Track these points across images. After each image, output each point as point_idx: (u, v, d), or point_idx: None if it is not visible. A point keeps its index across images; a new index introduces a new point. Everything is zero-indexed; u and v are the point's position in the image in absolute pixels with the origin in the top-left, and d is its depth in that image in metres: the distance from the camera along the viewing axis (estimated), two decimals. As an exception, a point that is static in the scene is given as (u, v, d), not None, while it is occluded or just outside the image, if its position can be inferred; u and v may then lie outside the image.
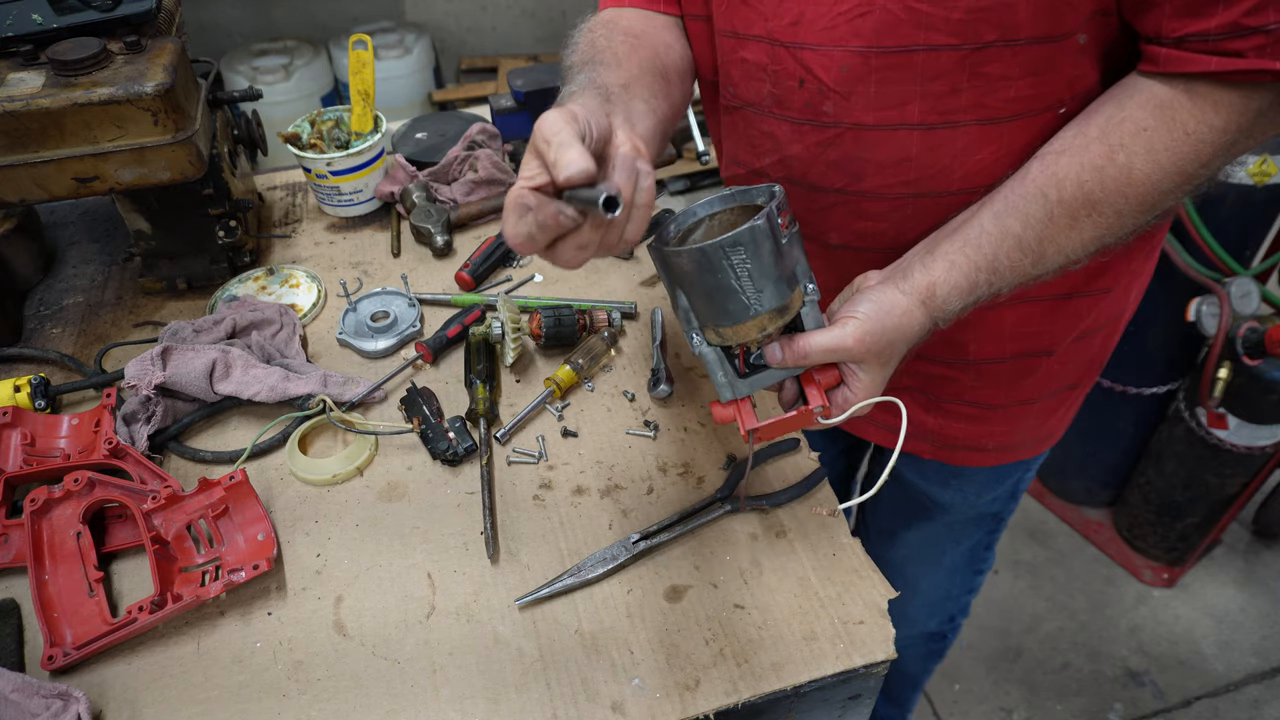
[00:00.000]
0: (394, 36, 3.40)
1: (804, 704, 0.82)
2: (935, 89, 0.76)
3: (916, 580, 1.35)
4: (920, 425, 1.10)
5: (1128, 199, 0.70)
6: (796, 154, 0.88)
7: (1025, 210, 0.72)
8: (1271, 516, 2.30)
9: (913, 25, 0.72)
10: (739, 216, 0.73)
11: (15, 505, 0.92)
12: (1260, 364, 1.83)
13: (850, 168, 0.85)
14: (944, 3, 0.70)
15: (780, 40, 0.81)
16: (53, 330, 1.19)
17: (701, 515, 0.92)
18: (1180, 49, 0.66)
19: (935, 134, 0.79)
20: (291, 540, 0.92)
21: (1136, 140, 0.69)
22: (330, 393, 1.03)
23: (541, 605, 0.86)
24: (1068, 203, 0.71)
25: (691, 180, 3.62)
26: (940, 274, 0.74)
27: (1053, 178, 0.72)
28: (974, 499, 1.18)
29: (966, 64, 0.74)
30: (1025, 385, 1.01)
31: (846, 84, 0.79)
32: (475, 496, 0.96)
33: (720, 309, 0.69)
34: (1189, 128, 0.67)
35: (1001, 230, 0.73)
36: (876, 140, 0.81)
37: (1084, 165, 0.70)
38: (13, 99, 0.95)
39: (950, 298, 0.74)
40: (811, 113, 0.83)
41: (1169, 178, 0.69)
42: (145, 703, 0.79)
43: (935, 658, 1.61)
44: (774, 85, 0.84)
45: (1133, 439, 2.25)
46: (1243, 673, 2.12)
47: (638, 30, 0.91)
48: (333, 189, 1.32)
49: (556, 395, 1.06)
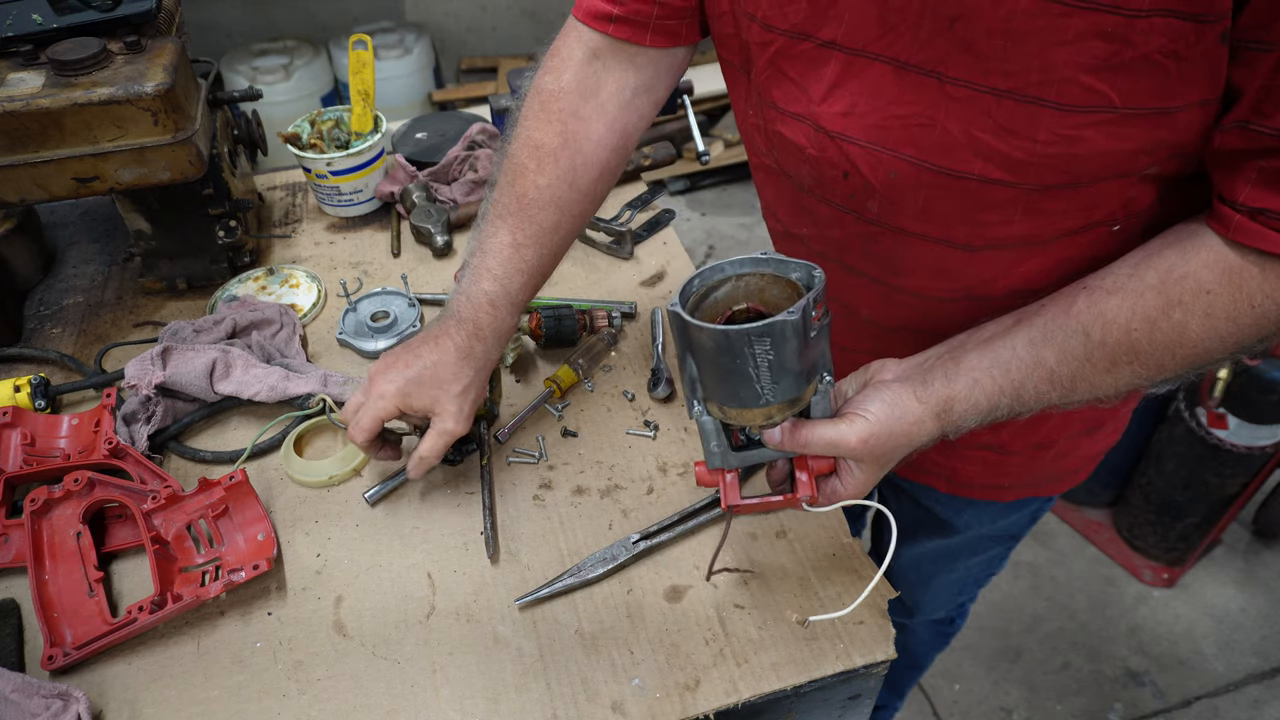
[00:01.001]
0: (394, 36, 3.40)
1: (804, 704, 0.82)
2: (985, 218, 0.72)
3: (929, 579, 1.35)
4: (934, 464, 1.07)
5: (1175, 356, 0.66)
6: (836, 236, 0.84)
7: (1063, 344, 0.69)
8: (1271, 516, 2.30)
9: (970, 152, 0.68)
10: (769, 286, 0.68)
11: (15, 505, 0.92)
12: (1260, 364, 1.83)
13: (890, 264, 0.82)
14: (1007, 139, 0.66)
15: (825, 128, 0.75)
16: (53, 330, 1.19)
17: (701, 515, 0.92)
18: (1256, 221, 0.62)
19: (978, 254, 0.76)
20: (291, 540, 0.92)
21: (1197, 301, 0.64)
22: (330, 392, 1.03)
23: (541, 605, 0.86)
24: (1111, 347, 0.67)
25: (691, 180, 3.63)
26: (962, 390, 0.70)
27: (1099, 318, 0.67)
28: (989, 524, 1.16)
29: (1022, 201, 0.70)
30: (1041, 430, 0.98)
31: (893, 190, 0.74)
32: (475, 496, 0.96)
33: (731, 392, 0.66)
34: (1255, 300, 0.63)
35: (1035, 359, 0.69)
36: (918, 248, 0.78)
37: (1135, 313, 0.66)
38: (13, 99, 0.95)
39: (967, 415, 0.71)
40: (855, 205, 0.79)
41: (1224, 344, 0.65)
42: (145, 703, 0.79)
43: (941, 642, 1.60)
44: (815, 170, 0.79)
45: (1133, 439, 2.25)
46: (1243, 673, 2.12)
47: (564, 136, 0.89)
48: (333, 189, 1.32)
49: (556, 395, 1.06)
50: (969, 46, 0.63)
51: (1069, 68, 0.60)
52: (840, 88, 0.73)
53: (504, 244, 0.88)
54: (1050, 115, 0.63)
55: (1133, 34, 0.57)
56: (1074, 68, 0.60)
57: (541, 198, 0.88)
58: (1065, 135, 0.64)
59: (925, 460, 1.07)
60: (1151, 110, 0.61)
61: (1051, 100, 0.62)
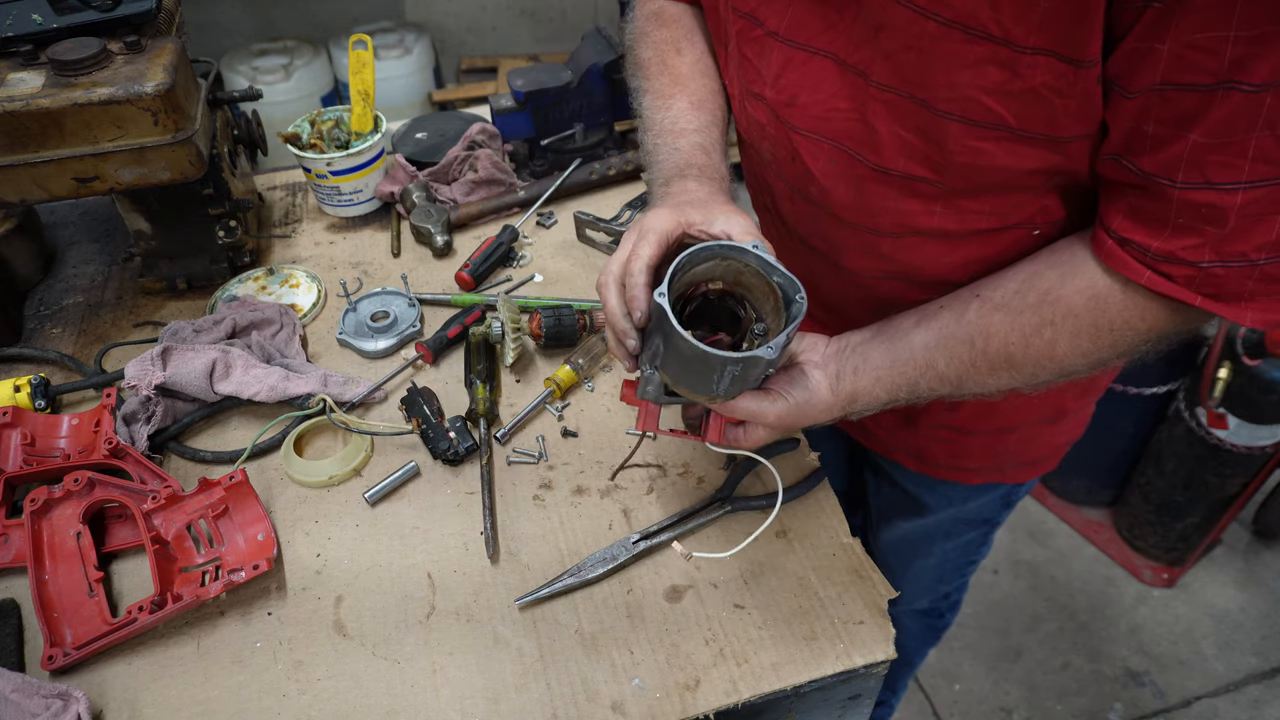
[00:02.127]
0: (394, 36, 3.40)
1: (804, 704, 0.82)
2: (909, 207, 0.78)
3: (908, 564, 1.38)
4: (901, 441, 1.12)
5: (1044, 368, 0.75)
6: (788, 210, 0.91)
7: (952, 351, 0.77)
8: (1271, 516, 2.30)
9: (895, 150, 0.73)
10: (748, 273, 0.71)
11: (15, 505, 0.92)
12: (1260, 364, 1.83)
13: (832, 243, 0.88)
14: (927, 142, 0.71)
15: (778, 113, 0.81)
16: (53, 330, 1.19)
17: (701, 515, 0.92)
18: (1124, 250, 0.68)
19: (902, 240, 0.82)
20: (291, 540, 0.92)
21: (1065, 322, 0.72)
22: (330, 393, 1.03)
23: (541, 605, 0.86)
24: (991, 356, 0.75)
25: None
26: (865, 386, 0.80)
27: (983, 331, 0.75)
28: (961, 504, 1.20)
29: (942, 198, 0.76)
30: (1000, 413, 1.03)
31: (830, 178, 0.80)
32: (475, 496, 0.96)
33: (689, 382, 0.72)
34: (1115, 325, 0.70)
35: (928, 362, 0.78)
36: (851, 233, 0.84)
37: (1012, 329, 0.74)
38: (13, 99, 0.95)
39: (869, 406, 0.81)
40: (801, 185, 0.85)
41: (1086, 359, 0.73)
42: (145, 703, 0.79)
43: (932, 637, 1.61)
44: (772, 148, 0.85)
45: (1133, 439, 2.25)
46: (1243, 673, 2.12)
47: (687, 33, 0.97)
48: (333, 189, 1.32)
49: (556, 395, 1.06)
50: (889, 57, 0.69)
51: (971, 89, 0.65)
52: (783, 77, 0.79)
53: (682, 108, 0.91)
54: (958, 128, 0.68)
55: (1020, 67, 0.62)
56: (976, 89, 0.65)
57: (694, 69, 0.94)
58: (970, 146, 0.69)
59: (894, 439, 1.13)
60: (1043, 136, 0.67)
61: (958, 115, 0.67)
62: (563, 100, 1.38)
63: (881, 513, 1.34)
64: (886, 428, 1.12)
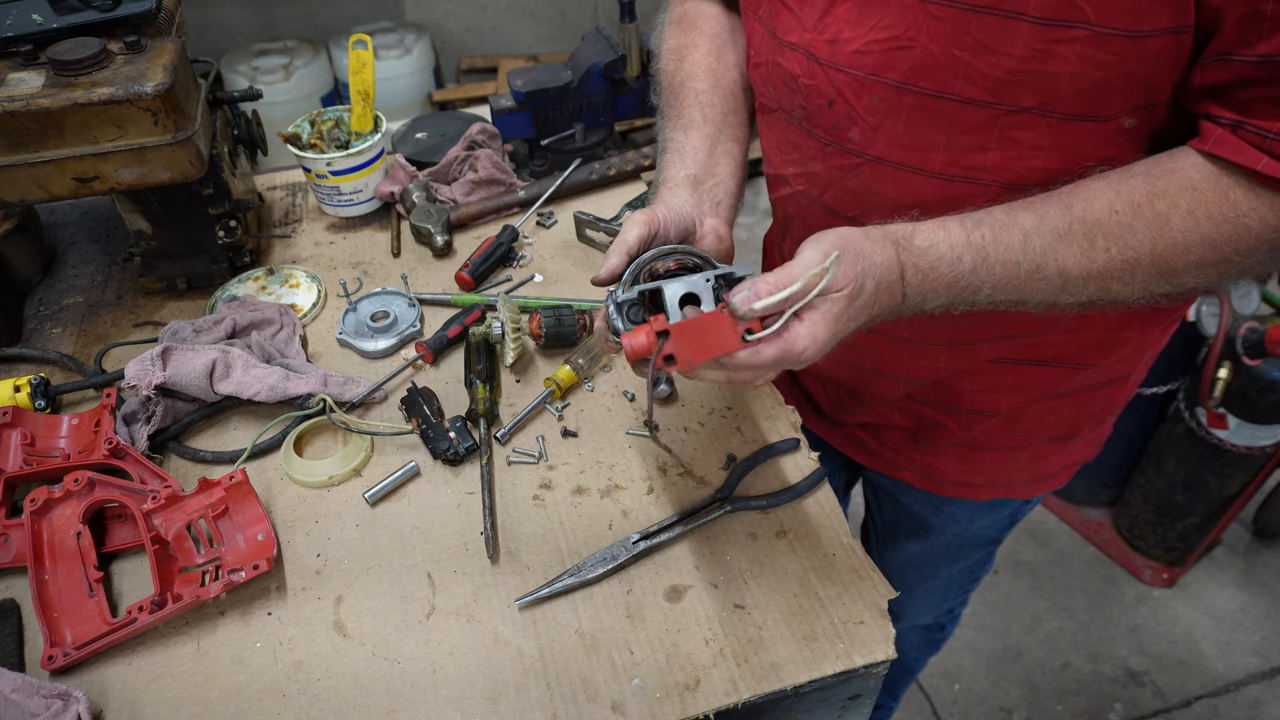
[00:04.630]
0: (394, 36, 3.40)
1: (804, 704, 0.82)
2: (962, 142, 0.73)
3: (913, 585, 1.36)
4: (908, 458, 1.10)
5: (1151, 251, 0.65)
6: (818, 171, 0.86)
7: (1042, 210, 0.67)
8: (1271, 516, 2.30)
9: (950, 72, 0.69)
10: (694, 259, 0.76)
11: (15, 505, 0.92)
12: (1260, 364, 1.83)
13: (865, 200, 0.83)
14: (986, 56, 0.67)
15: (817, 56, 0.79)
16: (53, 330, 1.19)
17: (701, 515, 0.92)
18: (1236, 134, 0.62)
19: (954, 185, 0.76)
20: (291, 540, 0.92)
21: (1183, 195, 0.64)
22: (330, 393, 1.03)
23: (541, 605, 0.86)
24: (1090, 224, 0.65)
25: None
26: (926, 228, 0.68)
27: (1083, 194, 0.66)
28: (967, 524, 1.18)
29: (998, 125, 0.70)
30: (1015, 431, 1.00)
31: (876, 115, 0.76)
32: (475, 496, 0.96)
33: None
34: (1241, 208, 0.63)
35: (1010, 219, 0.67)
36: (895, 179, 0.79)
37: (1119, 195, 0.65)
38: (13, 99, 0.95)
39: (927, 253, 0.67)
40: (837, 135, 0.81)
41: (1202, 248, 0.64)
42: (145, 703, 0.79)
43: (932, 647, 1.61)
44: (805, 100, 0.83)
45: (1133, 439, 2.25)
46: (1243, 673, 2.12)
47: (718, 45, 0.96)
48: (333, 189, 1.32)
49: (556, 395, 1.06)
50: None
51: None
52: (829, 15, 0.77)
53: (699, 148, 0.89)
54: (1027, 29, 0.64)
55: None
56: None
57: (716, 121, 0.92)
58: (1040, 50, 0.64)
59: (900, 457, 1.10)
60: (1123, 32, 0.62)
61: (1030, 14, 0.64)
62: (563, 100, 1.39)
63: (884, 533, 1.33)
64: (893, 446, 1.11)
